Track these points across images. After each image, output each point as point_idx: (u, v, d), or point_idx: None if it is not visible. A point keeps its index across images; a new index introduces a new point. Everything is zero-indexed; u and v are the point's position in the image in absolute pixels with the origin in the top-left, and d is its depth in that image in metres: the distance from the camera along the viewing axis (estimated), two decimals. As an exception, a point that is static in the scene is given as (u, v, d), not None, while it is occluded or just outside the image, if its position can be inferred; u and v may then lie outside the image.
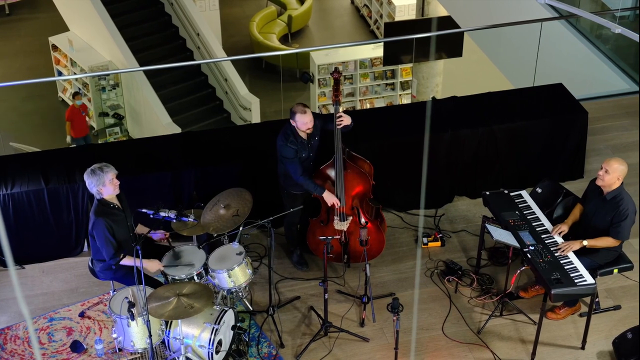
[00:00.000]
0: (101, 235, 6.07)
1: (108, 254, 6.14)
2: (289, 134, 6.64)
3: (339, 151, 6.67)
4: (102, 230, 6.06)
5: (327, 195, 6.74)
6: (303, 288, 7.10)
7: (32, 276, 7.24)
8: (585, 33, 10.54)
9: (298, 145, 6.63)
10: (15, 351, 6.53)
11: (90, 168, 6.11)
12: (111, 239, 6.09)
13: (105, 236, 6.07)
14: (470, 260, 7.35)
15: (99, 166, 6.09)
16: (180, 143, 7.91)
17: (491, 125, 7.88)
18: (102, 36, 13.93)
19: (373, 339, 6.63)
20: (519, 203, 6.89)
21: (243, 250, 6.42)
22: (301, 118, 6.52)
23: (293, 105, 6.59)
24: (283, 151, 6.64)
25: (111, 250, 6.12)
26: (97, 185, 6.06)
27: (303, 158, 6.71)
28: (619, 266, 6.53)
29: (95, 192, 6.11)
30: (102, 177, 6.04)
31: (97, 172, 6.06)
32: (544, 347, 6.53)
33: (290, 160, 6.64)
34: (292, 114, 6.56)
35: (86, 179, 6.11)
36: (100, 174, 6.04)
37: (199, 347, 6.04)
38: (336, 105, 6.72)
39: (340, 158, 6.69)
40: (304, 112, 6.52)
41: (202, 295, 5.88)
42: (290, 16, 16.95)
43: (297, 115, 6.53)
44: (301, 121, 6.54)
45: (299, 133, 6.63)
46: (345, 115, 6.65)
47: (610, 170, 6.31)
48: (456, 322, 6.78)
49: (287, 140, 6.62)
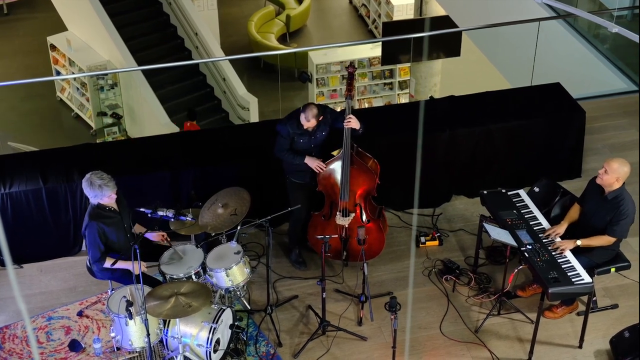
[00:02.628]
0: (91, 238, 6.13)
1: (93, 257, 6.19)
2: (293, 117, 6.74)
3: (347, 147, 6.69)
4: (92, 233, 6.12)
5: (309, 160, 6.78)
6: (301, 287, 7.11)
7: (30, 275, 7.24)
8: (583, 32, 10.55)
9: (297, 130, 6.71)
10: (13, 350, 6.53)
11: (90, 178, 6.08)
12: (100, 244, 6.13)
13: (95, 240, 6.12)
14: (468, 259, 7.36)
15: (99, 183, 6.04)
16: (179, 142, 7.91)
17: (489, 125, 7.89)
18: (100, 36, 13.92)
19: (371, 338, 6.64)
20: (516, 202, 6.90)
21: (241, 250, 6.43)
22: (304, 117, 6.59)
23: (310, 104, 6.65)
24: (279, 128, 6.78)
25: (97, 254, 6.16)
26: (95, 198, 6.12)
27: (302, 145, 6.75)
28: (616, 265, 6.54)
29: (92, 201, 6.17)
30: (101, 194, 6.09)
31: (95, 189, 6.05)
32: (542, 345, 6.54)
33: (280, 138, 6.79)
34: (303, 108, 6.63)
35: (84, 187, 6.11)
36: (99, 193, 6.07)
37: (197, 346, 6.05)
38: (349, 99, 6.74)
39: (348, 153, 6.71)
40: (307, 121, 6.60)
41: (200, 294, 5.89)
42: (288, 16, 16.95)
43: (301, 115, 6.61)
44: (303, 119, 6.62)
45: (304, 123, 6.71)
46: (354, 118, 6.67)
47: (609, 171, 6.32)
48: (454, 321, 6.80)
49: (288, 121, 6.75)
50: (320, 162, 6.79)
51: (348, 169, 6.76)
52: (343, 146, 6.72)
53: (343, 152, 6.74)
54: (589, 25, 10.46)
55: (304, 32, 17.46)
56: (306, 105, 6.65)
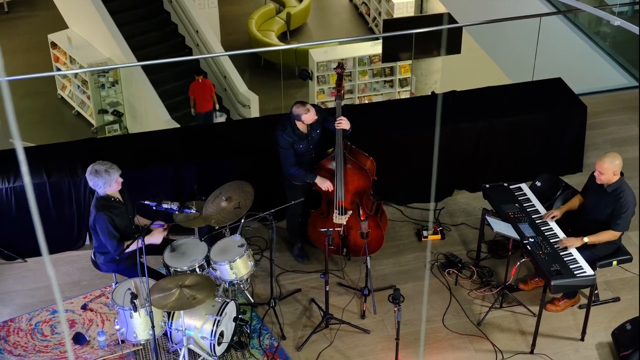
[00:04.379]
0: (104, 229, 6.09)
1: (112, 246, 6.16)
2: (287, 126, 6.69)
3: (340, 147, 6.70)
4: (104, 224, 6.08)
5: (320, 180, 6.78)
6: (304, 281, 7.14)
7: (34, 269, 7.26)
8: (584, 29, 10.59)
9: (295, 137, 6.68)
10: (18, 343, 6.55)
11: (93, 168, 6.07)
12: (114, 232, 6.11)
13: (108, 230, 6.09)
14: (470, 253, 7.38)
15: (104, 168, 6.05)
16: (181, 137, 7.93)
17: (490, 120, 7.92)
18: (101, 33, 13.94)
19: (374, 331, 6.67)
20: (518, 196, 6.93)
21: (245, 243, 6.44)
22: (307, 116, 6.59)
23: (293, 106, 6.63)
24: (278, 140, 6.73)
25: (114, 243, 6.14)
26: (104, 186, 6.07)
27: (302, 150, 6.75)
28: (618, 258, 6.57)
29: (100, 191, 6.14)
30: (109, 180, 6.05)
31: (103, 174, 6.03)
32: (544, 338, 6.56)
33: (284, 150, 6.72)
34: (297, 116, 6.59)
35: (90, 179, 6.08)
36: (107, 177, 6.04)
37: (201, 339, 6.08)
38: (338, 100, 6.74)
39: (341, 153, 6.72)
40: (307, 111, 6.58)
41: (204, 287, 5.91)
42: (288, 14, 16.97)
43: (302, 116, 6.59)
44: (307, 118, 6.60)
45: (298, 125, 6.68)
46: (345, 119, 6.68)
47: (603, 171, 6.35)
48: (456, 314, 6.82)
49: (284, 132, 6.69)
50: (330, 184, 6.79)
51: (342, 168, 6.78)
52: (335, 147, 6.73)
53: (336, 153, 6.75)
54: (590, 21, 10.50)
55: (304, 30, 17.48)
56: (295, 112, 6.59)
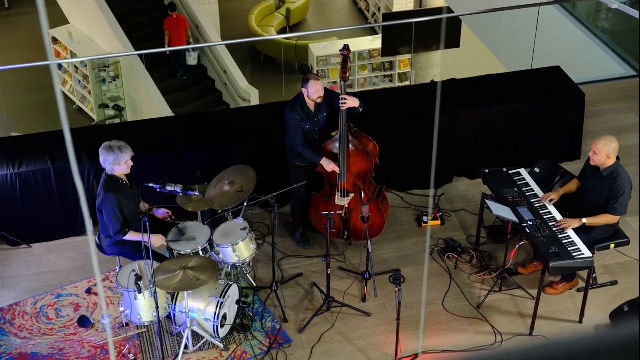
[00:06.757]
0: (110, 210, 6.15)
1: (114, 229, 6.22)
2: (296, 103, 6.77)
3: (343, 128, 6.77)
4: (111, 205, 6.13)
5: (325, 162, 6.82)
6: (306, 265, 7.22)
7: (38, 254, 7.34)
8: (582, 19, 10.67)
9: (303, 115, 6.75)
10: (23, 326, 6.63)
11: (108, 143, 6.13)
12: (119, 214, 6.18)
13: (114, 212, 6.15)
14: (469, 238, 7.46)
15: (118, 145, 6.10)
16: (184, 124, 8.01)
17: (490, 107, 8.00)
18: (102, 28, 14.01)
19: (375, 314, 6.75)
20: (517, 180, 7.00)
21: (247, 226, 6.52)
22: (314, 85, 6.62)
23: (308, 76, 6.70)
24: (287, 119, 6.77)
25: (117, 225, 6.20)
26: (113, 163, 6.11)
27: (307, 130, 6.82)
28: (615, 241, 6.65)
29: (108, 168, 6.18)
30: (120, 157, 6.09)
31: (115, 150, 6.08)
32: (543, 321, 6.64)
33: (293, 129, 6.78)
34: (305, 81, 6.66)
35: (102, 154, 6.12)
36: (119, 154, 6.08)
37: (204, 321, 6.15)
38: (343, 82, 6.78)
39: (345, 134, 6.79)
40: (316, 80, 6.64)
41: (207, 268, 5.99)
42: (288, 9, 17.06)
43: (310, 82, 6.62)
44: (313, 88, 6.63)
45: (307, 103, 6.74)
46: (350, 97, 6.70)
47: (597, 151, 6.42)
48: (456, 297, 6.90)
49: (293, 109, 6.74)
50: (335, 166, 6.85)
51: (345, 150, 6.84)
52: (339, 128, 6.79)
53: (339, 134, 6.81)
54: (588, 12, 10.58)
55: (304, 26, 17.56)
56: (306, 77, 6.66)
